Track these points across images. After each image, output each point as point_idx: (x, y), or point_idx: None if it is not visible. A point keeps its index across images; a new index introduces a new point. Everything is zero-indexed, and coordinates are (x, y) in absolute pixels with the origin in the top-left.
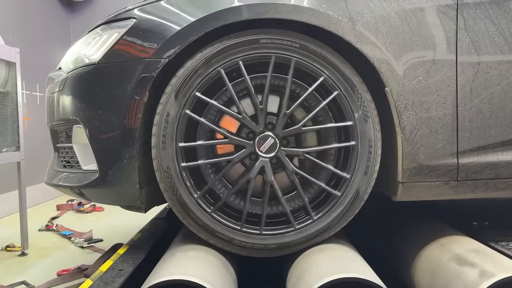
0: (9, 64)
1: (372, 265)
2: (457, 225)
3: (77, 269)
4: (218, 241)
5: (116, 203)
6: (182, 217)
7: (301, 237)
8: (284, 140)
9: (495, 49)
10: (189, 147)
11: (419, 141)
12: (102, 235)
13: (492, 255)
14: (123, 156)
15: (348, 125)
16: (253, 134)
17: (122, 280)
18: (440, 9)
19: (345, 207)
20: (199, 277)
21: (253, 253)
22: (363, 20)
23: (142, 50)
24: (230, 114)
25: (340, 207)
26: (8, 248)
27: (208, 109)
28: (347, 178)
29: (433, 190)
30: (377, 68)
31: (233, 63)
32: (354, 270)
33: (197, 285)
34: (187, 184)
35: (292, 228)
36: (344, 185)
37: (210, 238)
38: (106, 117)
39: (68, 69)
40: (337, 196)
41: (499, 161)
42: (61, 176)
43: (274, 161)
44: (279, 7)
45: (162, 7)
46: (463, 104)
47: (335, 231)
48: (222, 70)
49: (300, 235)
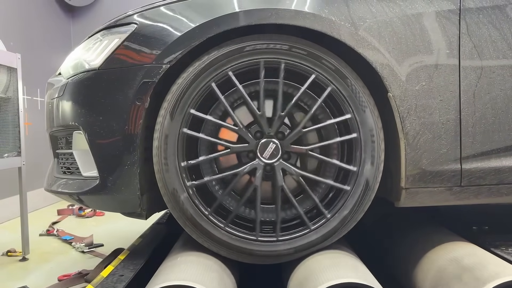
0: (11, 70)
1: (371, 270)
2: (457, 230)
3: (78, 274)
4: (239, 256)
5: (117, 210)
6: (197, 236)
7: (318, 237)
8: (286, 143)
9: (498, 54)
10: (192, 165)
11: (422, 146)
12: (103, 240)
13: (491, 259)
14: (124, 162)
15: (347, 118)
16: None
17: (123, 285)
18: (442, 14)
19: (357, 200)
20: (200, 282)
21: (272, 260)
22: (365, 25)
23: (143, 56)
24: (226, 127)
25: (352, 200)
26: (9, 253)
27: (205, 123)
28: (355, 171)
29: (436, 196)
30: (380, 73)
31: (223, 74)
32: (355, 275)
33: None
34: (195, 202)
35: (307, 230)
36: (352, 178)
37: (231, 254)
38: (107, 123)
39: (68, 75)
40: (347, 191)
41: (502, 166)
42: (60, 183)
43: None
44: (281, 13)
45: (162, 12)
46: (466, 109)
47: (351, 226)
48: (213, 83)
49: (316, 235)
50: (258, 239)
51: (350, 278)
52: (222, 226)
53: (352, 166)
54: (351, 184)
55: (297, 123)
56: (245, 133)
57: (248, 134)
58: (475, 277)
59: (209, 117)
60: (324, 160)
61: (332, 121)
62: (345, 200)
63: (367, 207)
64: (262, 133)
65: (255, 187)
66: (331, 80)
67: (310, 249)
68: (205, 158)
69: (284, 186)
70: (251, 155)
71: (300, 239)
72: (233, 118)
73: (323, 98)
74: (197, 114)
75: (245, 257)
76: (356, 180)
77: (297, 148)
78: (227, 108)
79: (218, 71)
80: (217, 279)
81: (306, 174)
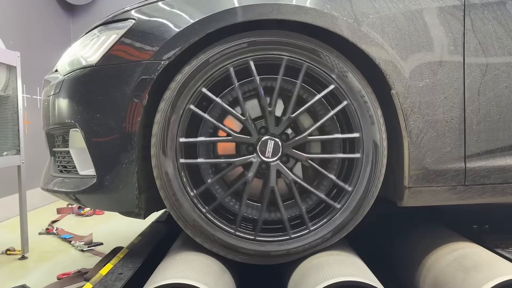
0: (10, 68)
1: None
2: (457, 228)
3: (77, 273)
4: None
5: (114, 209)
6: (209, 246)
7: (330, 230)
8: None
9: (503, 51)
10: (189, 142)
11: (426, 145)
12: (102, 238)
13: (492, 258)
14: (122, 161)
15: (355, 137)
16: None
17: (122, 283)
18: (447, 10)
19: (370, 177)
20: (199, 280)
21: (278, 260)
22: (368, 20)
23: (141, 52)
24: (233, 114)
25: (365, 177)
26: (8, 252)
27: (213, 106)
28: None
29: (440, 195)
30: (383, 70)
31: (243, 62)
32: (356, 273)
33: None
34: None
35: (287, 237)
36: (344, 198)
37: (236, 256)
38: (104, 121)
39: (65, 72)
40: (336, 208)
41: (507, 165)
42: (57, 181)
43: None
44: (282, 8)
45: (161, 8)
46: (470, 107)
47: (328, 244)
48: (204, 89)
49: (328, 229)
50: (236, 234)
51: (353, 276)
52: (233, 231)
53: (348, 185)
54: (341, 203)
55: (303, 128)
56: (250, 125)
57: (253, 126)
58: (476, 276)
59: (218, 100)
60: (321, 173)
61: (340, 136)
62: (333, 216)
63: (380, 184)
64: (267, 130)
65: (245, 181)
66: (347, 94)
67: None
68: (204, 140)
69: (275, 188)
70: (251, 148)
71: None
72: (242, 107)
73: (336, 110)
74: (208, 93)
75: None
76: (348, 200)
77: (297, 153)
78: (239, 95)
79: (236, 58)
80: (216, 277)
81: (299, 181)
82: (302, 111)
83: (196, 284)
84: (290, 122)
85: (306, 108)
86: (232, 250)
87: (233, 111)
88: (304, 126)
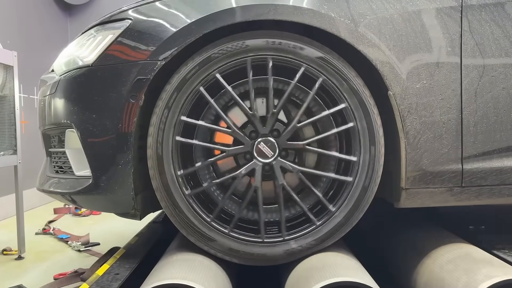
0: (7, 68)
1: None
2: (453, 229)
3: (74, 273)
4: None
5: (110, 210)
6: (216, 252)
7: (326, 232)
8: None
9: (501, 52)
10: (188, 172)
11: (423, 146)
12: (99, 238)
13: (487, 259)
14: (118, 161)
15: (342, 108)
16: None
17: (118, 284)
18: (444, 11)
19: (367, 173)
20: (196, 281)
21: (280, 260)
22: (365, 21)
23: (137, 52)
24: (220, 130)
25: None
26: (5, 252)
27: (198, 129)
28: (355, 161)
29: (437, 196)
30: (380, 71)
31: (211, 77)
32: (352, 274)
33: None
34: (197, 211)
35: (314, 226)
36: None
37: (234, 258)
38: (100, 121)
39: (61, 72)
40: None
41: (504, 166)
42: (52, 182)
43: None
44: (279, 8)
45: (158, 7)
46: (467, 108)
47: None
48: (201, 87)
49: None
50: (264, 241)
51: (349, 277)
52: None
53: (352, 156)
54: (352, 175)
55: (291, 118)
56: (239, 134)
57: (243, 135)
58: (471, 277)
59: (200, 123)
60: (323, 153)
61: (327, 112)
62: (331, 216)
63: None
64: (257, 132)
65: (255, 188)
66: (321, 72)
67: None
68: (201, 165)
69: (285, 184)
70: (248, 156)
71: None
72: (226, 121)
73: (315, 90)
74: (188, 120)
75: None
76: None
77: (293, 144)
78: (218, 110)
79: (205, 74)
80: (213, 278)
81: (305, 170)
82: (283, 103)
83: (192, 285)
84: (275, 117)
85: (286, 98)
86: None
87: (219, 128)
88: (291, 116)
